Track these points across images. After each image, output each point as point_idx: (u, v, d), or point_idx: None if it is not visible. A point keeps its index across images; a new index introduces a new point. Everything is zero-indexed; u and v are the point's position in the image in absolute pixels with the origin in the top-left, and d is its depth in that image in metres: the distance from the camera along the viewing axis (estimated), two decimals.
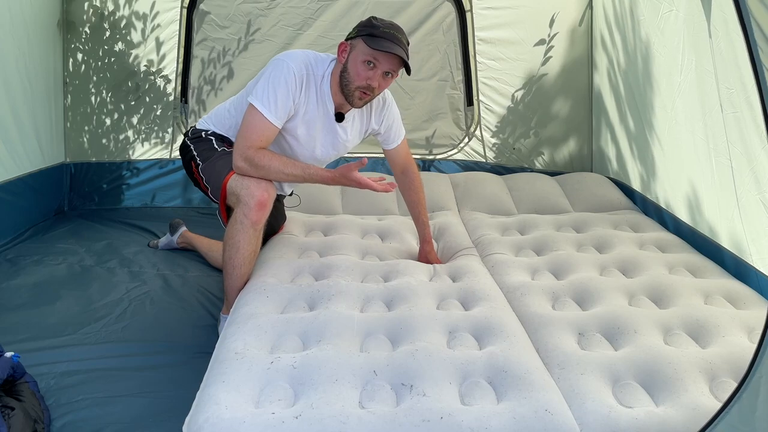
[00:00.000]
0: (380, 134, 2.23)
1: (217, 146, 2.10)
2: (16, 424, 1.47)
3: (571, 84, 3.44)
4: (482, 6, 3.40)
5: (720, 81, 2.03)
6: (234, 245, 1.95)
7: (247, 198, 1.90)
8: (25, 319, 2.19)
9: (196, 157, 2.11)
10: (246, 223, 1.91)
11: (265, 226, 2.01)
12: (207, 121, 2.22)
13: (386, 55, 1.90)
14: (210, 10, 3.38)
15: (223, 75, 3.46)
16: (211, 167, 2.05)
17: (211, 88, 3.48)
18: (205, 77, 3.46)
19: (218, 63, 3.46)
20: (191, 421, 1.33)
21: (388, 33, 1.91)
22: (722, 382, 1.48)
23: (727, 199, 2.12)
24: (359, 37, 1.93)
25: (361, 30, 1.95)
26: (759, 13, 1.12)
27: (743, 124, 1.92)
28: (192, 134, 2.19)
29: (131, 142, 3.47)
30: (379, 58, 1.91)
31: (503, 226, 2.65)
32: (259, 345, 1.57)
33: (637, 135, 2.91)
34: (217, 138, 2.14)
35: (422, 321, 1.67)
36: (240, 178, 1.93)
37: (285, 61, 1.95)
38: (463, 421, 1.30)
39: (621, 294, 1.92)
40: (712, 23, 2.05)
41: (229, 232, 1.97)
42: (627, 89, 2.97)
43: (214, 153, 2.07)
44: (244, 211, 1.90)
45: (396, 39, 1.91)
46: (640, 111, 2.83)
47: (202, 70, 3.45)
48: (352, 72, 1.94)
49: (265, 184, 1.92)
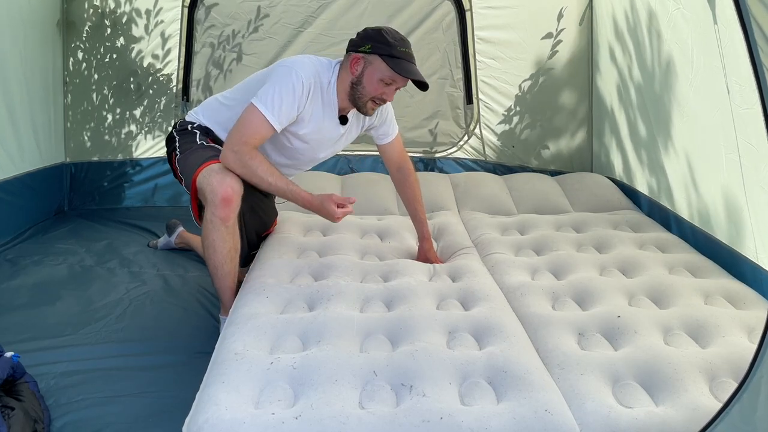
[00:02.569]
0: (375, 128, 2.25)
1: (199, 139, 2.09)
2: (16, 424, 1.47)
3: (571, 83, 3.44)
4: (482, 5, 3.40)
5: (729, 77, 2.02)
6: (210, 245, 1.95)
7: (211, 195, 1.88)
8: (25, 319, 2.19)
9: (177, 148, 2.10)
10: (216, 222, 1.90)
11: (253, 223, 2.00)
12: (196, 113, 2.21)
13: (405, 78, 1.96)
14: (212, 9, 3.38)
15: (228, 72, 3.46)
16: (185, 159, 2.04)
17: (209, 94, 3.49)
18: (210, 75, 3.47)
19: (220, 67, 3.46)
20: (191, 422, 1.33)
21: (405, 54, 1.96)
22: (722, 382, 1.48)
23: (735, 197, 2.11)
24: (376, 54, 1.96)
25: (376, 47, 1.96)
26: (759, 13, 1.12)
27: (756, 120, 1.90)
28: (179, 126, 2.19)
29: (132, 140, 3.47)
30: (397, 80, 1.97)
31: (503, 226, 2.65)
32: (259, 345, 1.57)
33: (637, 134, 2.91)
34: (202, 131, 2.13)
35: (422, 321, 1.67)
36: (207, 174, 1.91)
37: (294, 69, 1.96)
38: (463, 422, 1.30)
39: (621, 294, 1.92)
40: (718, 19, 2.05)
41: (204, 232, 1.96)
42: (628, 88, 2.96)
43: (193, 145, 2.06)
44: (212, 209, 1.89)
45: (413, 59, 1.97)
46: (641, 110, 2.82)
47: (209, 56, 3.44)
48: (368, 87, 1.98)
49: (229, 180, 1.89)
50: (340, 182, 3.03)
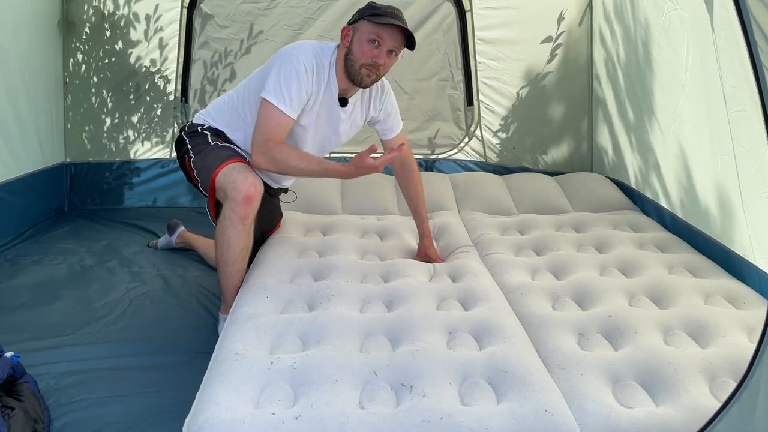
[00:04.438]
0: (379, 122, 2.24)
1: (211, 141, 2.10)
2: (16, 424, 1.46)
3: (570, 84, 3.44)
4: (482, 6, 3.40)
5: (725, 79, 2.03)
6: (225, 242, 1.95)
7: (233, 193, 1.89)
8: (25, 319, 2.19)
9: (189, 150, 2.11)
10: (234, 219, 1.91)
11: (259, 222, 2.00)
12: (204, 115, 2.22)
13: (390, 32, 1.94)
14: (210, 10, 3.38)
15: (225, 77, 3.46)
16: (202, 160, 2.04)
17: (214, 89, 3.48)
18: (208, 77, 3.47)
19: (220, 65, 3.46)
20: (191, 422, 1.33)
21: (389, 11, 1.97)
22: (722, 382, 1.48)
23: (731, 198, 2.12)
24: (362, 19, 1.98)
25: (362, 12, 2.01)
26: (759, 13, 1.12)
27: (749, 123, 1.91)
28: (188, 129, 2.19)
29: (132, 141, 3.47)
30: (382, 35, 1.94)
31: (503, 226, 2.65)
32: (259, 345, 1.57)
33: (638, 134, 2.91)
34: (212, 132, 2.13)
35: (422, 321, 1.67)
36: (227, 172, 1.92)
37: (295, 54, 1.98)
38: (463, 422, 1.30)
39: (621, 294, 1.92)
40: (715, 21, 2.05)
41: (219, 229, 1.97)
42: (628, 88, 2.97)
43: (206, 147, 2.07)
44: (232, 206, 1.90)
45: (397, 17, 1.96)
46: (641, 110, 2.83)
47: (204, 73, 3.45)
48: (357, 52, 1.97)
49: (251, 179, 1.91)
50: (340, 182, 3.03)
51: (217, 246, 1.99)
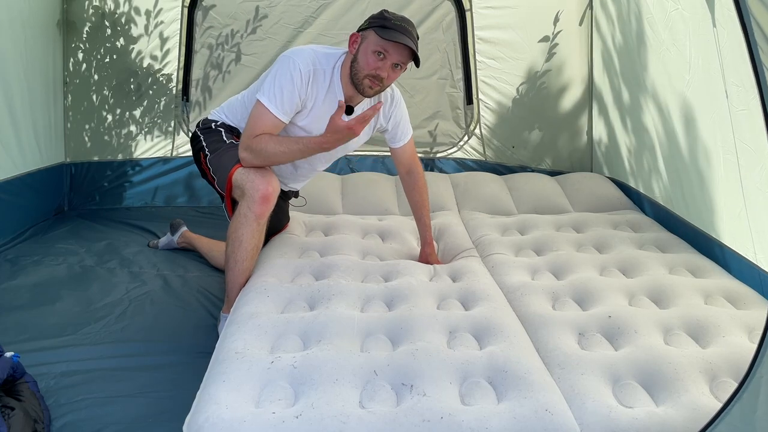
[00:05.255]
0: (387, 131, 2.24)
1: (226, 138, 2.12)
2: (16, 424, 1.46)
3: (570, 84, 3.44)
4: (482, 5, 3.40)
5: (727, 78, 2.02)
6: (237, 239, 1.97)
7: (251, 191, 1.92)
8: (25, 319, 2.18)
9: (205, 148, 2.13)
10: (250, 217, 1.93)
11: (268, 224, 2.01)
12: (219, 112, 2.25)
13: (396, 47, 1.92)
14: (211, 10, 3.38)
15: (226, 73, 3.46)
16: (218, 159, 2.07)
17: (209, 95, 3.48)
18: (208, 76, 3.47)
19: (219, 68, 3.46)
20: (191, 421, 1.33)
21: (399, 26, 1.94)
22: (722, 382, 1.48)
23: (733, 198, 2.11)
24: (371, 28, 1.96)
25: (372, 22, 1.98)
26: (759, 13, 1.12)
27: (752, 122, 1.91)
28: (203, 125, 2.22)
29: (133, 140, 3.47)
30: (389, 49, 1.93)
31: (503, 226, 2.65)
32: (260, 345, 1.57)
33: (638, 134, 2.91)
34: (226, 129, 2.16)
35: (422, 321, 1.67)
36: (245, 171, 1.95)
37: (291, 58, 1.98)
38: (464, 421, 1.30)
39: (621, 294, 1.92)
40: (717, 20, 2.05)
41: (232, 225, 1.98)
42: (628, 87, 2.97)
43: (222, 145, 2.10)
44: (249, 204, 1.92)
45: (406, 32, 1.94)
46: (642, 109, 2.82)
47: (207, 58, 3.45)
48: (362, 62, 1.96)
49: (269, 178, 1.94)
50: (340, 182, 3.03)
51: (228, 243, 2.00)
